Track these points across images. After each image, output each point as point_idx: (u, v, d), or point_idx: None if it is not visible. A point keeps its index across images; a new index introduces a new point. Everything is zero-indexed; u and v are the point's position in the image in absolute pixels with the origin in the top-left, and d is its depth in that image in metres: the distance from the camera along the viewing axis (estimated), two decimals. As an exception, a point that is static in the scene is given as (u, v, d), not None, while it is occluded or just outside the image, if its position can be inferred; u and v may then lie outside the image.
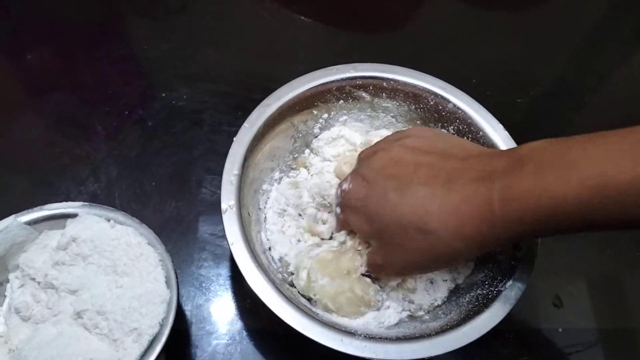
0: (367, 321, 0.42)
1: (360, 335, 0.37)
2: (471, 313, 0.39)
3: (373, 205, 0.37)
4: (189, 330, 0.46)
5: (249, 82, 0.61)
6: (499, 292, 0.39)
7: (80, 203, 0.42)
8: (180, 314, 0.46)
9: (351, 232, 0.43)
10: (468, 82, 0.61)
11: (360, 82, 0.48)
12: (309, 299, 0.43)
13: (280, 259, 0.46)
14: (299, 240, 0.47)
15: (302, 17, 0.69)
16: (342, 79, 0.48)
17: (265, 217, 0.48)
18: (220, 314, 0.47)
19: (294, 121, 0.48)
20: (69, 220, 0.42)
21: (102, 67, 0.62)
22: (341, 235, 0.44)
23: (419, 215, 0.34)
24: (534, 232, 0.32)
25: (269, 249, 0.46)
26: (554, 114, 0.63)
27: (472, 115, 0.46)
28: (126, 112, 0.58)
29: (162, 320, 0.38)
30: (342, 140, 0.51)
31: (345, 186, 0.39)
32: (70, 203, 0.42)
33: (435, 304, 0.44)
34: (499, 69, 0.67)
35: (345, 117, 0.51)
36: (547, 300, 0.50)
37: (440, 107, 0.47)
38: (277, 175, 0.50)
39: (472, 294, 0.42)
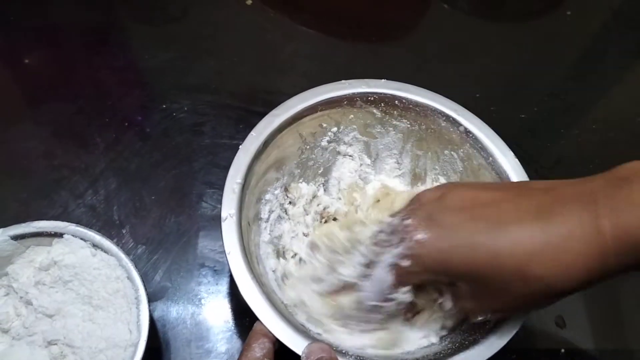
0: (364, 343, 0.42)
1: (351, 356, 0.36)
2: (466, 343, 0.38)
3: (460, 255, 0.31)
4: (187, 349, 0.46)
5: (251, 94, 0.61)
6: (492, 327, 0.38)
7: (68, 224, 0.42)
8: (157, 349, 0.46)
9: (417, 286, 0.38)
10: (472, 97, 0.61)
11: (372, 98, 0.47)
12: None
13: (274, 270, 0.45)
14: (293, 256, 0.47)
15: (305, 28, 0.68)
16: (354, 94, 0.47)
17: (264, 228, 0.47)
18: (219, 332, 0.47)
19: (302, 133, 0.48)
20: (55, 240, 0.42)
21: (101, 76, 0.61)
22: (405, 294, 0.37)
23: (518, 260, 0.29)
24: None
25: (267, 259, 0.45)
26: (558, 130, 0.63)
27: (482, 140, 0.45)
28: (126, 124, 0.58)
29: None
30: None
31: (421, 236, 0.32)
32: (58, 223, 0.42)
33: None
34: (503, 83, 0.67)
35: (354, 133, 0.50)
36: (550, 319, 0.50)
37: (452, 129, 0.47)
38: (281, 184, 0.49)
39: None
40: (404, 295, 0.36)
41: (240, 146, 0.43)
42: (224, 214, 0.40)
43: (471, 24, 0.73)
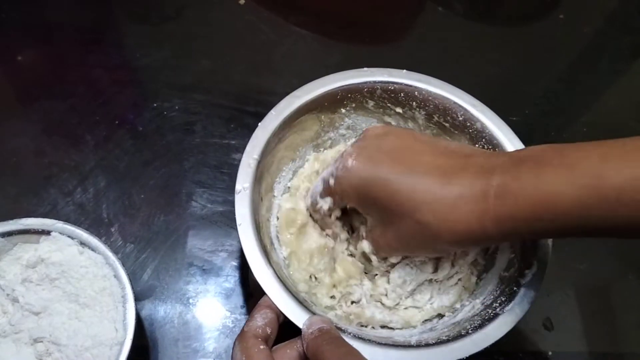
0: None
1: (349, 333, 0.37)
2: (464, 332, 0.38)
3: (374, 188, 0.37)
4: (175, 348, 0.46)
5: (243, 94, 0.61)
6: (496, 315, 0.38)
7: (55, 221, 0.42)
8: (144, 347, 0.46)
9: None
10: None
11: (393, 87, 0.47)
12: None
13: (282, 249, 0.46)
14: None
15: (298, 29, 0.68)
16: (375, 82, 0.47)
17: (276, 205, 0.48)
18: (207, 332, 0.47)
19: (321, 117, 0.48)
20: (43, 237, 0.42)
21: (93, 74, 0.61)
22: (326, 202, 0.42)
23: (415, 205, 0.35)
24: (527, 231, 0.32)
25: (276, 237, 0.46)
26: (549, 134, 0.63)
27: (498, 137, 0.46)
28: (116, 122, 0.57)
29: None
30: None
31: (350, 162, 0.38)
32: (45, 220, 0.42)
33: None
34: (495, 85, 0.67)
35: (372, 121, 0.50)
36: (537, 322, 0.50)
37: (469, 124, 0.47)
38: (296, 166, 0.49)
39: (469, 314, 0.41)
40: (325, 203, 0.42)
41: (259, 124, 0.44)
42: (238, 187, 0.40)
43: (465, 27, 0.73)
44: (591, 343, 0.49)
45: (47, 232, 0.42)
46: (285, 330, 0.37)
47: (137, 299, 0.40)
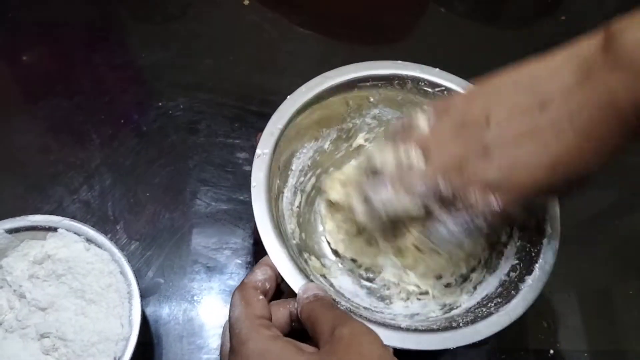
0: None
1: (342, 307, 0.37)
2: (455, 324, 0.38)
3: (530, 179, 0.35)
4: (179, 344, 0.46)
5: (247, 94, 0.61)
6: (490, 314, 0.38)
7: (62, 218, 0.42)
8: (148, 344, 0.46)
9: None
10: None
11: (424, 84, 0.48)
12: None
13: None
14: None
15: (302, 29, 0.69)
16: (407, 76, 0.47)
17: (291, 177, 0.48)
18: (211, 329, 0.47)
19: (349, 101, 0.48)
20: (49, 234, 0.42)
21: (99, 73, 0.62)
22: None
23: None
24: None
25: (289, 208, 0.46)
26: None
27: None
28: (122, 120, 0.58)
29: (118, 359, 0.38)
30: None
31: (491, 198, 0.35)
32: (52, 217, 0.42)
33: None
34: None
35: (398, 114, 0.50)
36: (539, 320, 0.50)
37: None
38: (317, 145, 0.49)
39: (463, 309, 0.41)
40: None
41: (288, 96, 0.44)
42: (258, 152, 0.41)
43: (467, 28, 0.73)
44: (592, 341, 0.49)
45: (53, 229, 0.42)
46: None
47: (142, 295, 0.40)
